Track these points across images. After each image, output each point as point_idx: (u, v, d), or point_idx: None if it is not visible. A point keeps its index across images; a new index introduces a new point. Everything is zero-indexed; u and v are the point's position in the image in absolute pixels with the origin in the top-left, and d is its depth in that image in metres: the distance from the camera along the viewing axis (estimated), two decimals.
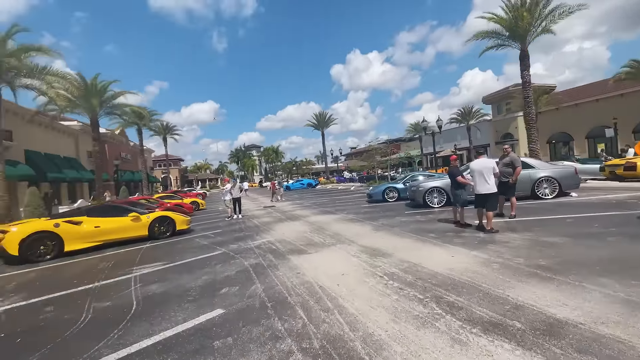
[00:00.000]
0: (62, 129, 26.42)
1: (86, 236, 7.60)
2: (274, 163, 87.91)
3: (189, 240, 8.45)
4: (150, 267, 5.80)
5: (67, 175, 23.86)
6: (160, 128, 40.37)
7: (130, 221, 8.40)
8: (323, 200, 18.41)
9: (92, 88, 18.63)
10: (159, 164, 61.69)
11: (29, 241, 6.80)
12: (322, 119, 39.35)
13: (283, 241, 7.22)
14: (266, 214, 13.57)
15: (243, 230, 9.36)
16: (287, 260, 5.46)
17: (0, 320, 3.71)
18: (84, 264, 6.56)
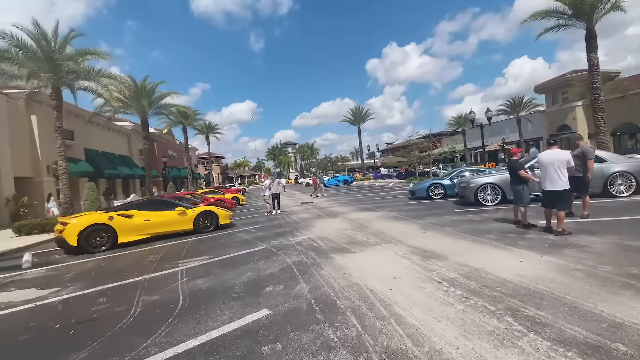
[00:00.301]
0: (117, 129, 28.60)
1: (137, 229, 7.95)
2: (309, 160, 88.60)
3: (232, 234, 8.52)
4: (195, 261, 5.85)
5: (121, 171, 25.80)
6: (203, 127, 42.23)
7: (177, 215, 8.67)
8: (361, 196, 17.94)
9: (142, 89, 19.81)
10: (202, 162, 64.86)
11: (87, 233, 7.23)
12: (358, 114, 38.47)
13: (324, 238, 6.97)
14: (304, 210, 13.45)
15: (283, 226, 9.27)
16: (331, 259, 5.18)
17: (57, 310, 3.84)
18: (135, 255, 6.83)
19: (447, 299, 3.25)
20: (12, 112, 15.75)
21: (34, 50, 11.03)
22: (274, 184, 13.03)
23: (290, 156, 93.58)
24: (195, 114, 33.22)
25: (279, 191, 13.09)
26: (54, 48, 11.34)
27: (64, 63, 11.05)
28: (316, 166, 65.31)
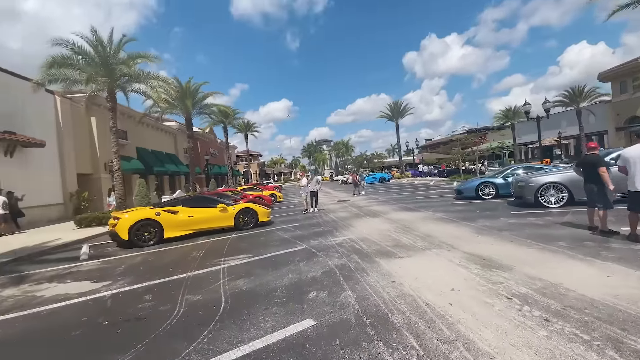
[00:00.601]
0: (165, 129, 30.39)
1: (181, 225, 8.18)
2: (344, 157, 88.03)
3: (271, 232, 8.47)
4: (236, 259, 5.79)
5: (168, 168, 27.38)
6: (242, 125, 43.54)
7: (219, 212, 8.81)
8: (400, 195, 17.21)
9: (187, 90, 20.71)
10: (240, 159, 67.20)
11: (136, 228, 7.56)
12: (396, 109, 37.02)
13: (366, 240, 6.60)
14: (341, 208, 13.14)
15: (321, 225, 9.03)
16: (376, 264, 4.81)
17: (107, 306, 3.91)
18: (179, 251, 6.99)
19: (523, 320, 2.75)
20: (75, 115, 17.26)
21: (92, 56, 11.90)
22: (312, 182, 12.83)
23: (325, 153, 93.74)
24: (234, 113, 34.26)
25: (317, 189, 12.81)
26: (109, 53, 12.16)
27: (117, 67, 11.79)
28: (351, 163, 64.61)
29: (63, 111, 16.37)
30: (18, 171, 13.27)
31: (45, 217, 14.70)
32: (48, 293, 4.55)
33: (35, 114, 14.70)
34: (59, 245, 8.26)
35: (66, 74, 11.62)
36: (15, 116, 13.46)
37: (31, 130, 14.02)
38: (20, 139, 12.67)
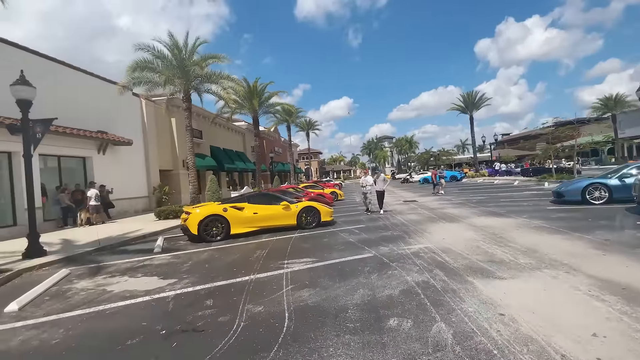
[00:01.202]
0: (235, 129, 32.28)
1: (246, 221, 8.10)
2: (407, 154, 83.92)
3: (334, 234, 7.89)
4: (300, 263, 5.32)
5: (237, 166, 28.97)
6: (304, 124, 44.23)
7: (282, 209, 8.55)
8: (479, 197, 15.20)
9: (254, 90, 21.44)
10: (302, 157, 68.81)
11: (205, 223, 7.67)
12: (470, 100, 33.21)
13: (449, 251, 5.56)
14: (410, 210, 11.98)
15: (389, 229, 8.15)
16: (471, 286, 3.84)
17: (168, 309, 3.71)
18: (243, 248, 6.83)
19: None
20: (158, 116, 19.07)
21: (169, 59, 12.82)
22: (379, 181, 11.68)
23: (387, 150, 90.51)
24: (297, 112, 34.81)
25: (384, 188, 11.64)
26: (184, 56, 12.96)
27: (191, 67, 12.44)
28: (415, 161, 61.14)
29: (147, 113, 18.18)
30: (110, 167, 15.01)
31: (132, 208, 16.48)
32: (117, 288, 4.61)
33: (124, 116, 16.54)
34: (138, 237, 8.88)
35: (147, 76, 12.68)
36: (108, 118, 15.24)
37: (122, 131, 15.77)
38: (111, 138, 14.27)
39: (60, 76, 13.12)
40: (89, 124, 14.02)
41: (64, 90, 13.13)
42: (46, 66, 12.65)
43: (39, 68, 12.22)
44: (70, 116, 13.27)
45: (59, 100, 12.86)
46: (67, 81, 13.43)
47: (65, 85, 13.26)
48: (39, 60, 12.44)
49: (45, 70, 12.46)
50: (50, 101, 12.46)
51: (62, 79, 13.16)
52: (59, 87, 12.95)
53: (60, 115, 13.02)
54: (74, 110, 13.49)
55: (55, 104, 12.69)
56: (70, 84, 13.54)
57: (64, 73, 13.41)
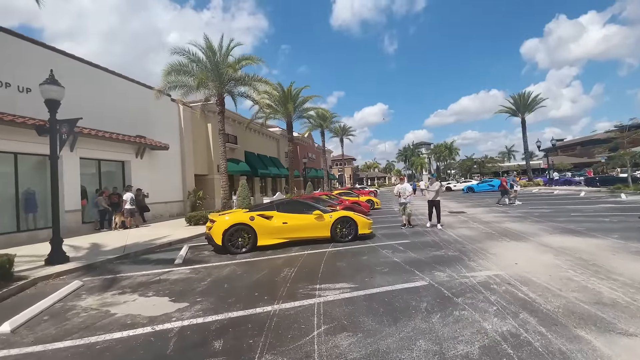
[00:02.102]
0: (269, 134, 32.29)
1: (275, 232, 7.28)
2: (446, 161, 79.64)
3: (374, 250, 6.78)
4: (335, 290, 4.32)
5: (271, 171, 28.76)
6: (338, 129, 43.48)
7: (314, 220, 7.62)
8: (542, 209, 13.16)
9: (289, 94, 21.04)
10: (335, 163, 67.96)
11: (230, 232, 6.95)
12: (522, 102, 29.80)
13: (529, 282, 4.26)
14: (460, 223, 10.47)
15: (441, 246, 6.87)
16: (586, 345, 2.60)
17: (167, 350, 2.88)
18: (270, 264, 5.98)
19: None
20: (194, 122, 19.24)
21: (204, 62, 12.62)
22: (433, 188, 9.62)
23: (424, 157, 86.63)
24: (332, 117, 34.09)
25: (438, 198, 9.57)
26: (218, 59, 12.69)
27: (225, 70, 12.10)
28: (457, 168, 57.53)
29: (184, 118, 18.38)
30: (147, 171, 15.16)
31: (167, 212, 16.56)
32: (122, 311, 3.93)
33: (163, 121, 16.77)
34: (164, 244, 8.43)
35: (182, 80, 12.57)
36: (147, 123, 15.47)
37: (159, 135, 15.96)
38: (148, 142, 14.37)
39: (101, 82, 13.46)
40: (127, 129, 14.28)
41: (104, 95, 13.45)
42: (87, 72, 13.00)
43: (81, 74, 12.61)
44: (110, 121, 13.57)
45: (98, 105, 13.17)
46: (108, 86, 13.76)
47: (106, 90, 13.59)
48: (81, 66, 12.81)
49: (86, 76, 12.82)
50: (89, 105, 12.78)
51: (103, 84, 13.50)
52: (100, 91, 13.29)
53: (100, 119, 13.48)
54: (114, 115, 13.78)
55: (95, 108, 13.01)
56: (111, 89, 13.86)
57: (105, 79, 13.76)
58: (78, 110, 12.59)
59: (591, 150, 71.01)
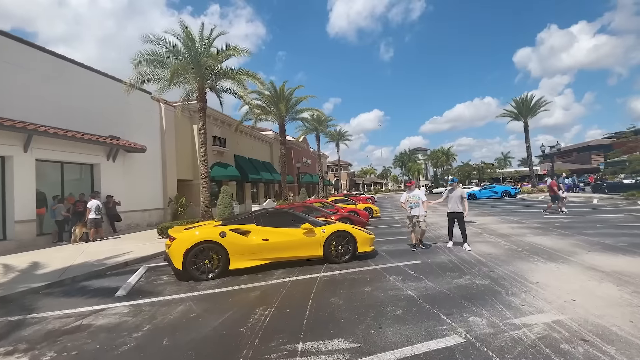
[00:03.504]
0: (262, 138, 30.81)
1: (253, 251, 5.77)
2: (443, 167, 78.69)
3: (378, 276, 5.30)
4: (327, 354, 2.84)
5: (263, 176, 27.21)
6: (334, 134, 42.21)
7: (303, 235, 6.13)
8: (559, 219, 11.80)
9: (281, 94, 19.65)
10: (331, 169, 66.60)
11: (194, 253, 5.43)
12: (525, 105, 28.63)
13: (612, 337, 2.83)
14: (475, 235, 9.05)
15: (463, 271, 5.42)
16: None
17: None
18: (239, 300, 4.47)
19: None
20: (178, 123, 17.72)
21: (182, 53, 11.16)
22: (455, 197, 7.44)
23: (421, 163, 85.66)
24: (327, 120, 32.82)
25: (460, 209, 7.40)
26: (199, 49, 11.24)
27: (205, 60, 10.64)
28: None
29: (166, 119, 16.86)
30: (121, 176, 13.58)
31: (145, 221, 14.95)
32: None
33: (141, 121, 15.24)
34: (119, 264, 6.88)
35: (158, 73, 11.09)
36: (123, 123, 13.94)
37: (137, 137, 14.43)
38: (121, 144, 12.83)
39: (68, 75, 11.95)
40: (101, 129, 12.75)
41: (72, 90, 11.94)
42: (51, 63, 11.49)
43: (43, 65, 11.12)
44: (80, 120, 12.04)
45: (65, 101, 11.68)
46: (77, 81, 12.24)
47: (74, 85, 12.08)
48: (43, 56, 11.29)
49: (49, 68, 11.32)
50: (52, 101, 11.30)
51: (70, 78, 12.00)
52: (66, 86, 11.79)
53: (67, 118, 11.93)
54: (84, 113, 12.25)
55: (61, 105, 11.53)
56: (81, 84, 12.35)
57: (74, 72, 12.24)
58: (39, 107, 11.20)
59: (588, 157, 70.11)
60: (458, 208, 7.42)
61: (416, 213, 7.26)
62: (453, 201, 7.47)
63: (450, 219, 7.63)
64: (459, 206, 7.42)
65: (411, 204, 7.37)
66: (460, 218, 7.39)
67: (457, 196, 7.47)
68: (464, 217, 7.39)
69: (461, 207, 7.40)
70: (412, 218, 7.37)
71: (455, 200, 7.45)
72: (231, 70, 11.67)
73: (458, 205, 7.43)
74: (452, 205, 7.51)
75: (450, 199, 7.54)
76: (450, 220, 7.66)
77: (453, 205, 7.48)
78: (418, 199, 7.34)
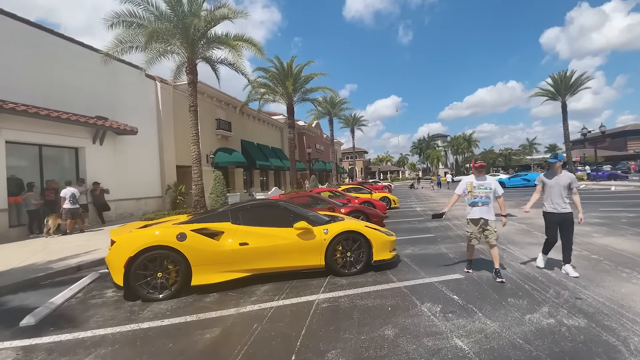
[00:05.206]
0: (271, 122, 29.13)
1: (225, 260, 4.15)
2: (464, 154, 74.97)
3: (404, 302, 3.58)
4: None
5: (272, 163, 25.69)
6: (348, 118, 40.02)
7: (297, 237, 4.45)
8: (620, 212, 9.63)
9: (288, 70, 17.77)
10: (346, 156, 64.45)
11: (141, 262, 3.86)
12: (564, 83, 25.20)
13: None
14: (518, 233, 7.16)
15: (533, 297, 3.62)
16: None
17: None
18: (181, 348, 2.88)
19: None
20: (177, 104, 16.23)
21: (167, 16, 9.44)
22: (562, 180, 4.34)
23: (440, 150, 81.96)
24: (341, 103, 30.69)
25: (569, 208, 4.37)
26: (186, 8, 9.49)
27: (191, 21, 8.88)
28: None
29: (163, 99, 15.40)
30: (110, 160, 12.29)
31: (141, 210, 13.71)
32: None
33: (135, 101, 13.84)
34: (69, 268, 5.48)
35: (141, 40, 9.47)
36: (113, 103, 12.60)
37: (131, 118, 13.06)
38: (108, 125, 11.45)
39: (50, 49, 10.57)
40: (87, 109, 11.41)
41: (52, 65, 10.59)
42: (31, 35, 10.12)
43: (20, 35, 9.77)
44: (61, 98, 10.71)
45: (45, 77, 10.35)
46: (60, 56, 10.84)
47: (57, 60, 10.69)
48: (22, 27, 9.91)
49: (26, 40, 9.97)
50: (30, 77, 10.02)
51: (52, 53, 10.61)
52: (47, 61, 10.42)
53: (48, 96, 10.56)
54: (67, 90, 10.91)
55: (40, 82, 10.21)
56: (63, 59, 10.96)
57: (56, 46, 10.83)
58: (12, 82, 9.85)
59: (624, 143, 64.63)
60: (564, 205, 4.31)
61: (486, 215, 4.29)
62: (555, 193, 4.34)
63: (552, 222, 4.43)
64: (566, 201, 4.32)
65: (476, 198, 4.34)
66: (569, 223, 4.30)
67: (562, 185, 4.32)
68: (576, 221, 4.33)
69: (568, 204, 4.34)
70: (475, 222, 4.39)
71: (558, 192, 4.32)
72: (224, 36, 9.91)
73: (564, 199, 4.31)
74: (554, 199, 4.35)
75: (550, 189, 4.41)
76: (551, 225, 4.45)
77: (555, 199, 4.33)
78: (490, 190, 4.33)
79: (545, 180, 4.51)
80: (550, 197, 4.42)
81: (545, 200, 4.51)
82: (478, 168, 4.48)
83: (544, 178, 4.58)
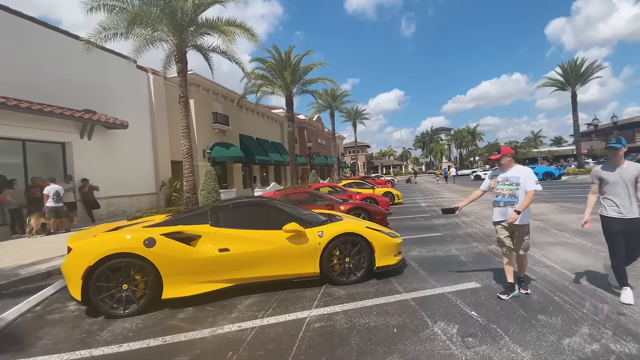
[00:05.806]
0: (270, 116, 28.45)
1: (202, 269, 3.58)
2: (468, 147, 74.00)
3: (412, 320, 3.00)
4: None
5: (272, 157, 25.09)
6: (350, 112, 39.26)
7: (286, 241, 3.87)
8: None
9: (286, 60, 17.08)
10: (348, 151, 63.71)
11: (102, 273, 3.30)
12: (574, 73, 24.05)
13: None
14: (539, 232, 6.53)
15: (568, 314, 3.03)
16: None
17: None
18: None
19: None
20: (171, 97, 15.60)
21: None
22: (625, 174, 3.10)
23: (444, 143, 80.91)
24: (343, 95, 29.93)
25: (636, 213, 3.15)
26: None
27: (176, 1, 8.23)
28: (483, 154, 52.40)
29: (156, 91, 14.79)
30: (99, 156, 11.74)
31: (134, 207, 13.19)
32: None
33: (127, 94, 13.27)
34: (39, 274, 4.96)
35: (125, 27, 8.83)
36: (103, 96, 12.03)
37: (122, 112, 12.48)
38: (96, 118, 10.88)
39: (34, 38, 9.99)
40: (74, 102, 10.84)
41: (35, 56, 10.00)
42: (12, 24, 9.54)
43: None
44: (45, 90, 10.13)
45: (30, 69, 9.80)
46: (42, 45, 10.26)
47: (38, 49, 10.11)
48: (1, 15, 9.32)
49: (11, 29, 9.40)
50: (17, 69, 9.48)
51: (36, 43, 10.03)
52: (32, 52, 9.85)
53: (28, 88, 10.09)
54: (52, 83, 10.34)
55: (23, 73, 9.66)
56: (48, 49, 10.37)
57: (38, 34, 10.24)
58: None
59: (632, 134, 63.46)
60: (632, 208, 3.11)
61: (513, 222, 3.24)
62: (620, 191, 3.14)
63: (614, 232, 3.19)
64: (634, 202, 3.12)
65: (498, 196, 3.43)
66: (636, 232, 3.13)
67: (627, 180, 3.11)
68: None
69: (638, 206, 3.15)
70: (505, 227, 3.40)
71: (624, 190, 3.12)
72: (215, 20, 9.26)
73: (631, 199, 3.12)
74: (618, 199, 3.15)
75: (611, 186, 3.19)
76: (613, 237, 3.21)
77: (621, 199, 3.14)
78: (516, 186, 3.31)
79: (604, 175, 3.23)
80: (612, 197, 3.19)
81: (604, 200, 3.28)
82: (495, 157, 3.49)
83: (601, 172, 3.28)
